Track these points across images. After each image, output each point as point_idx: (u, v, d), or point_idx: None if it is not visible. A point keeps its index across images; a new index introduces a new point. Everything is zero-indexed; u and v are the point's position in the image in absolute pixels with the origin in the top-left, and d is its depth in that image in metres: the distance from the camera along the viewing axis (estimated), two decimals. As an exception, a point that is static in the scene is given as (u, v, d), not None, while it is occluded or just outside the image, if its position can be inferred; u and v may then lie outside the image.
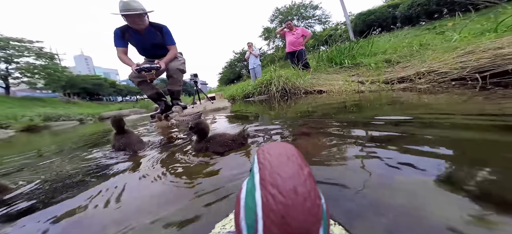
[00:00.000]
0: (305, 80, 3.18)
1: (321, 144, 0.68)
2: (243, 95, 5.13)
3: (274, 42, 20.85)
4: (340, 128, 0.84)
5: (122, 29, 2.08)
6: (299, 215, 0.11)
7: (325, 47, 5.56)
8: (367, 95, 1.75)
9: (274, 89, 3.41)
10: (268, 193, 0.12)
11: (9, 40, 12.33)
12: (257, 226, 0.12)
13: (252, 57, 5.84)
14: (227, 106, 2.99)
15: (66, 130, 3.98)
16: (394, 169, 0.43)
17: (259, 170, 0.14)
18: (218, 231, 0.28)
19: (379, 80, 2.07)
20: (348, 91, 2.22)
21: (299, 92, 3.11)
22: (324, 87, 2.75)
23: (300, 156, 0.15)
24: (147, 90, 2.29)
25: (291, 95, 3.19)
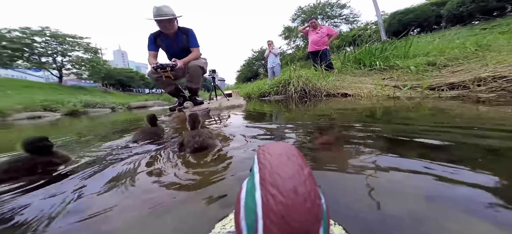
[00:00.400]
0: (328, 81, 2.90)
1: (347, 159, 0.52)
2: (259, 94, 5.01)
3: (294, 41, 20.24)
4: (370, 140, 0.65)
5: (155, 35, 2.23)
6: (299, 215, 0.11)
7: (352, 48, 5.11)
8: (404, 103, 1.45)
9: (292, 89, 3.20)
10: (268, 193, 0.12)
11: (65, 36, 14.32)
12: (257, 226, 0.12)
13: (272, 55, 5.67)
14: (242, 104, 2.89)
15: (100, 116, 4.39)
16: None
17: (259, 170, 0.14)
18: (218, 231, 0.28)
19: (423, 86, 1.73)
20: (379, 96, 1.92)
21: (320, 94, 2.84)
22: (350, 90, 2.45)
23: (300, 156, 0.15)
24: (165, 86, 2.32)
25: (310, 96, 2.95)
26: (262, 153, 0.16)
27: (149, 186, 0.48)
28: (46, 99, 6.40)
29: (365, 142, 0.64)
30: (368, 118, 1.10)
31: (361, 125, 0.89)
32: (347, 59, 4.01)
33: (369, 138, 0.69)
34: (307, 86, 3.06)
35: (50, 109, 5.80)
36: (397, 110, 1.24)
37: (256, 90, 5.31)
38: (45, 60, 14.15)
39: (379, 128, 0.83)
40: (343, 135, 0.76)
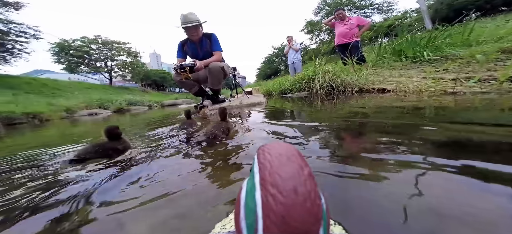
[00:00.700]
0: (361, 76, 2.59)
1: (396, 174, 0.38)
2: (280, 91, 4.87)
3: (318, 35, 19.07)
4: (423, 147, 0.49)
5: (182, 42, 2.32)
6: (299, 215, 0.11)
7: (387, 40, 4.47)
8: (468, 99, 1.15)
9: (317, 85, 2.97)
10: (268, 193, 0.12)
11: (113, 43, 16.71)
12: (257, 226, 0.12)
13: (292, 51, 5.42)
14: (263, 101, 2.81)
15: (140, 113, 4.96)
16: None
17: (259, 170, 0.14)
18: (218, 231, 0.28)
19: (499, 78, 1.35)
20: (430, 91, 1.59)
21: (350, 90, 2.56)
22: (389, 85, 2.11)
23: (300, 156, 0.15)
24: (189, 87, 2.38)
25: (338, 93, 2.69)
26: (262, 153, 0.15)
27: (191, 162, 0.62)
28: (100, 98, 7.56)
29: (419, 150, 0.49)
30: (418, 117, 0.87)
31: (411, 126, 0.70)
32: (383, 51, 3.52)
33: (423, 143, 0.53)
34: (335, 81, 2.79)
35: (103, 107, 6.84)
36: (460, 108, 0.98)
37: (277, 87, 5.17)
38: (99, 65, 16.76)
39: (434, 129, 0.64)
40: (387, 140, 0.60)
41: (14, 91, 6.76)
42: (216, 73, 2.17)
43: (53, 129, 2.66)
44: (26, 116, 3.99)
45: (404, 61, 2.83)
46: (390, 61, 3.05)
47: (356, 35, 3.70)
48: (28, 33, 9.17)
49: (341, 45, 3.85)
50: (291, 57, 5.43)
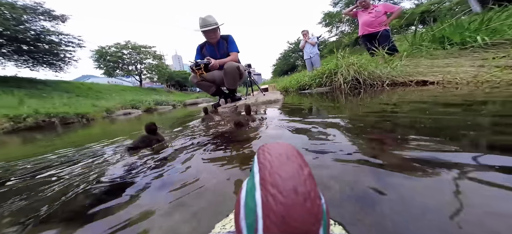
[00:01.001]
0: (394, 67, 2.30)
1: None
2: (298, 87, 4.67)
3: (338, 27, 17.70)
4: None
5: (201, 45, 2.36)
6: (299, 215, 0.11)
7: (422, 26, 3.87)
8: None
9: (340, 79, 2.74)
10: (268, 193, 0.12)
11: (140, 47, 18.25)
12: (257, 226, 0.11)
13: (308, 46, 5.13)
14: (279, 99, 2.69)
15: (165, 112, 5.34)
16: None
17: (259, 170, 0.14)
18: (218, 231, 0.27)
19: None
20: (492, 81, 1.30)
21: (380, 83, 2.29)
22: (431, 76, 1.82)
23: (300, 156, 0.14)
24: (207, 88, 2.40)
25: (366, 87, 2.43)
26: (262, 153, 0.15)
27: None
28: (132, 99, 8.36)
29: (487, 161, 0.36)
30: (483, 115, 0.69)
31: (477, 127, 0.56)
32: (420, 38, 3.07)
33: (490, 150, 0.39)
34: (361, 74, 2.53)
35: (135, 107, 7.55)
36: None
37: (295, 83, 4.97)
38: (131, 68, 18.53)
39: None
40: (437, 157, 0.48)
41: (69, 95, 7.94)
42: (232, 73, 2.14)
43: (97, 127, 3.01)
44: (77, 116, 4.63)
45: (449, 48, 2.41)
46: (429, 49, 2.64)
47: (384, 23, 3.29)
48: (74, 43, 10.60)
49: (366, 35, 3.48)
50: (308, 51, 5.16)
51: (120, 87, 14.95)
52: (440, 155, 0.43)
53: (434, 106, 0.96)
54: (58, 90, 8.41)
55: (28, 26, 8.79)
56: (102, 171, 0.66)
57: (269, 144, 0.16)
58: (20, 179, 0.70)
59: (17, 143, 2.16)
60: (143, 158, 0.74)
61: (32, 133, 3.02)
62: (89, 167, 0.73)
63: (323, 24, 17.80)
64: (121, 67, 17.54)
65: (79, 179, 0.61)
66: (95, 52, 16.20)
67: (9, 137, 2.78)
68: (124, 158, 0.77)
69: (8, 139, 2.62)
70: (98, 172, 0.65)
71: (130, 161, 0.72)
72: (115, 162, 0.75)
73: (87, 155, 0.93)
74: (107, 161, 0.78)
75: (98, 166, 0.72)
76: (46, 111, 4.17)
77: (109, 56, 16.34)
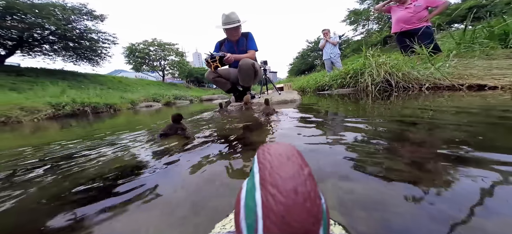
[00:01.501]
0: (439, 67, 1.92)
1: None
2: (316, 87, 4.37)
3: (364, 25, 16.34)
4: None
5: (220, 42, 2.31)
6: (299, 215, 0.11)
7: (473, 24, 3.23)
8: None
9: (368, 80, 2.41)
10: (268, 193, 0.12)
11: (165, 44, 19.38)
12: (257, 226, 0.11)
13: (329, 45, 4.76)
14: (296, 99, 2.46)
15: (183, 106, 5.54)
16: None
17: (259, 170, 0.14)
18: (218, 231, 0.27)
19: None
20: None
21: (417, 86, 1.94)
22: (490, 79, 1.44)
23: (300, 156, 0.14)
24: (222, 85, 2.33)
25: (398, 90, 2.09)
26: (262, 153, 0.15)
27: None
28: (155, 93, 8.91)
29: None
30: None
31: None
32: (472, 36, 2.55)
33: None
34: (394, 76, 2.18)
35: (156, 100, 8.03)
36: None
37: (313, 83, 4.67)
38: (155, 64, 19.85)
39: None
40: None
41: (102, 87, 8.80)
42: (246, 70, 2.04)
43: (122, 117, 3.20)
44: (106, 106, 5.05)
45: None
46: (485, 49, 2.15)
47: (424, 19, 2.81)
48: (109, 40, 11.69)
49: (401, 33, 3.02)
50: (328, 51, 4.80)
51: (145, 81, 16.13)
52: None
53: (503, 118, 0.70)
54: (94, 83, 9.38)
55: (75, 25, 9.95)
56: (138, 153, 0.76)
57: (269, 144, 0.16)
58: (79, 156, 0.81)
59: (62, 127, 2.39)
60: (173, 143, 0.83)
61: (69, 120, 3.36)
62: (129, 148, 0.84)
63: (347, 22, 16.59)
64: (147, 62, 18.90)
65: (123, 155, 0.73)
66: (126, 48, 17.70)
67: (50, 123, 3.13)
68: (156, 142, 0.90)
69: (51, 124, 2.94)
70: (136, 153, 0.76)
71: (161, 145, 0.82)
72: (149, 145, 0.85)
73: (128, 139, 1.06)
74: (142, 145, 0.88)
75: (138, 148, 0.83)
76: (81, 100, 4.63)
77: (138, 52, 17.70)
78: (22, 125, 3.11)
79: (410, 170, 0.41)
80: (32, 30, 8.79)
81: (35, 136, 1.76)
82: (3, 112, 3.36)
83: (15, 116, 3.44)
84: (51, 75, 8.60)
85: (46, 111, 3.96)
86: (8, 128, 2.79)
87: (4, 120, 3.30)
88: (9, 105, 3.55)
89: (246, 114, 1.58)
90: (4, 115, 3.33)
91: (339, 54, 4.76)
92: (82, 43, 10.76)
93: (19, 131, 2.24)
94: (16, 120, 3.41)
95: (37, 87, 4.96)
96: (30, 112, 3.71)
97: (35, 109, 3.83)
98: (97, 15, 10.37)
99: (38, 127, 2.55)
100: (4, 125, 3.20)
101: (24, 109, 3.68)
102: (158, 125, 1.43)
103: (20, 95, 4.55)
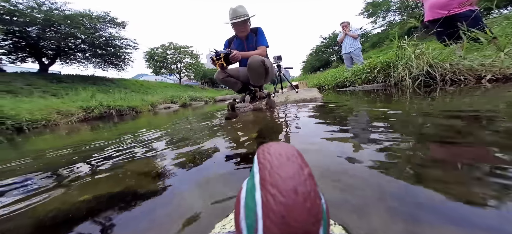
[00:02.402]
0: (509, 52, 1.53)
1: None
2: (335, 84, 4.03)
3: (384, 17, 15.00)
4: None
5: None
6: (299, 215, 0.11)
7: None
8: None
9: (404, 74, 2.07)
10: (268, 193, 0.12)
11: (181, 47, 20.13)
12: (257, 226, 0.11)
13: (349, 39, 4.33)
14: (317, 97, 2.19)
15: (199, 107, 5.62)
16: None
17: (259, 170, 0.14)
18: (218, 231, 0.27)
19: None
20: None
21: (472, 78, 1.57)
22: None
23: (300, 156, 0.14)
24: (232, 85, 2.17)
25: (444, 83, 1.73)
26: (262, 153, 0.15)
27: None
28: (172, 95, 9.26)
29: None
30: None
31: None
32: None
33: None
34: (439, 67, 1.83)
35: (174, 102, 8.32)
36: None
37: (331, 80, 4.33)
38: (173, 67, 20.77)
39: None
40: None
41: (126, 90, 9.43)
42: (256, 68, 1.84)
43: (143, 119, 3.32)
44: (129, 109, 5.32)
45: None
46: None
47: (468, 3, 2.31)
48: (131, 45, 12.49)
49: (435, 20, 2.55)
50: (347, 45, 4.38)
51: (164, 84, 16.97)
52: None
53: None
54: (120, 87, 10.09)
55: (101, 33, 10.82)
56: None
57: (269, 144, 0.16)
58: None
59: (97, 127, 2.52)
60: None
61: (97, 122, 3.59)
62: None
63: (365, 15, 15.36)
64: (165, 66, 19.87)
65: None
66: (146, 53, 18.82)
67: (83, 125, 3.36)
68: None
69: (85, 125, 3.15)
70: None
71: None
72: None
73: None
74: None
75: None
76: (107, 103, 4.94)
77: (157, 56, 18.69)
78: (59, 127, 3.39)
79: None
80: (67, 40, 9.76)
81: (92, 134, 1.89)
82: (44, 116, 3.70)
83: (53, 120, 3.78)
84: (84, 80, 9.45)
85: (78, 114, 4.29)
86: (48, 130, 3.05)
87: (45, 123, 3.63)
88: (49, 109, 3.91)
89: (260, 116, 1.41)
90: (45, 119, 3.67)
91: (360, 48, 4.33)
92: (108, 50, 11.65)
93: (76, 131, 2.38)
94: (54, 123, 3.74)
95: (71, 92, 5.44)
96: (65, 116, 4.04)
97: (70, 113, 4.17)
98: (119, 22, 11.10)
99: (76, 128, 2.75)
100: (45, 127, 3.52)
101: (60, 112, 4.03)
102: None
103: (58, 100, 5.04)
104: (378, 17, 15.13)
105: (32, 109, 3.73)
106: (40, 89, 6.91)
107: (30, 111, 3.63)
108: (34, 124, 3.48)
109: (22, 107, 3.68)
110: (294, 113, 1.39)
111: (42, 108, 3.86)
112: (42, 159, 1.00)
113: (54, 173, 0.72)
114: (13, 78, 7.41)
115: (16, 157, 1.08)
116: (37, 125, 3.52)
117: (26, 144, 1.71)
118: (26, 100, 4.54)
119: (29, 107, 3.82)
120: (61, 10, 9.11)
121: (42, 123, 3.60)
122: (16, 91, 6.03)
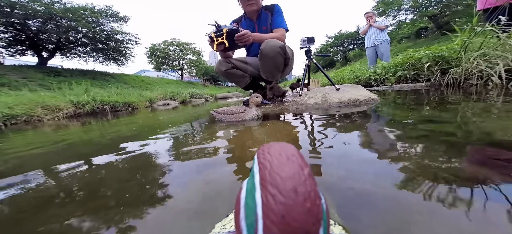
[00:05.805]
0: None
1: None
2: (355, 83, 3.55)
3: (395, 17, 14.44)
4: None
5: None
6: (299, 215, 0.11)
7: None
8: None
9: (472, 69, 1.56)
10: (268, 193, 0.12)
11: (183, 44, 19.68)
12: (257, 226, 0.11)
13: (374, 31, 3.79)
14: (372, 98, 1.48)
15: (199, 104, 5.19)
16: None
17: (259, 170, 0.14)
18: (218, 231, 0.27)
19: None
20: None
21: None
22: None
23: (300, 156, 0.14)
24: (238, 80, 1.65)
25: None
26: (262, 153, 0.15)
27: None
28: (172, 91, 8.83)
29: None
30: None
31: None
32: None
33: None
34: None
35: (173, 98, 7.89)
36: None
37: (351, 77, 3.82)
38: (175, 63, 20.36)
39: None
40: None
41: (126, 86, 9.01)
42: (272, 55, 1.32)
43: (140, 115, 2.95)
44: (124, 105, 4.87)
45: None
46: None
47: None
48: (132, 40, 12.07)
49: (492, 9, 2.04)
50: (372, 38, 3.86)
51: (165, 80, 16.55)
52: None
53: None
54: (120, 82, 9.67)
55: (103, 27, 10.41)
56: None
57: (269, 144, 0.16)
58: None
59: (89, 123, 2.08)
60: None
61: (89, 118, 3.16)
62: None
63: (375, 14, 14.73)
64: (167, 62, 19.46)
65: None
66: (148, 49, 18.42)
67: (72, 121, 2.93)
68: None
69: (75, 122, 2.71)
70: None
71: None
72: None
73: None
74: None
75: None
76: (101, 99, 4.49)
77: (159, 52, 18.27)
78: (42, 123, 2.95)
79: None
80: (68, 33, 9.38)
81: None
82: (26, 111, 3.27)
83: (37, 115, 3.34)
84: (83, 75, 9.06)
85: (67, 109, 3.85)
86: (30, 126, 2.62)
87: (26, 119, 3.20)
88: (33, 104, 3.48)
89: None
90: (27, 114, 3.24)
91: (389, 42, 3.78)
92: (109, 44, 11.26)
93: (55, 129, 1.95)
94: (37, 119, 3.30)
95: (65, 86, 5.02)
96: (51, 111, 3.60)
97: (57, 108, 3.73)
98: (121, 17, 10.68)
99: (62, 125, 2.34)
100: (26, 123, 3.09)
101: (46, 107, 3.59)
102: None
103: (48, 93, 4.62)
104: (388, 16, 14.55)
105: (13, 102, 3.29)
106: (36, 83, 6.51)
107: (9, 105, 3.19)
108: (12, 119, 3.04)
109: (1, 101, 3.25)
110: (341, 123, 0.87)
111: (25, 102, 3.41)
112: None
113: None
114: (9, 71, 7.03)
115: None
116: (16, 121, 3.08)
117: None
118: (11, 93, 4.12)
119: (10, 100, 3.39)
120: (62, 3, 8.72)
121: (23, 118, 3.16)
122: (10, 84, 5.64)
